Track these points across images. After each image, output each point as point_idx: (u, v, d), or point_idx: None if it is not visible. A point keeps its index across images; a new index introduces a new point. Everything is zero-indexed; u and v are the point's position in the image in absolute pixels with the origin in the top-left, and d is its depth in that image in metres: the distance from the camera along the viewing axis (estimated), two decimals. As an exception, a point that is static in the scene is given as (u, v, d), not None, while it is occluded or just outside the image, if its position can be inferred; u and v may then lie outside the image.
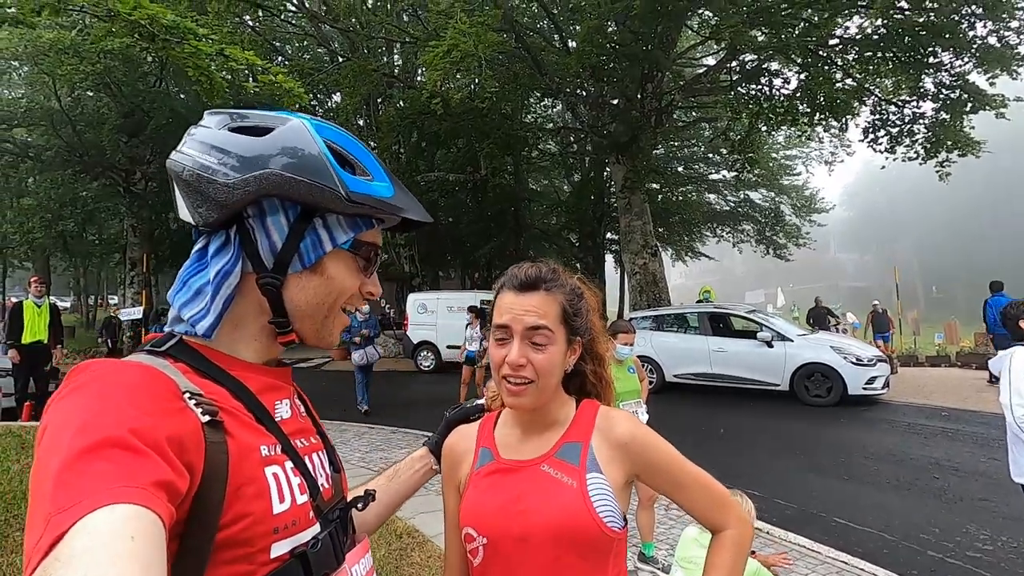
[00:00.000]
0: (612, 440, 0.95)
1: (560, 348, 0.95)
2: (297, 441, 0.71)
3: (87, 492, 0.45)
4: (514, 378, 0.92)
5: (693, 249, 25.74)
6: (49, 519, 0.44)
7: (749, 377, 9.50)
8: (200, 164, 0.66)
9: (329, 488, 0.74)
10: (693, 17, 14.23)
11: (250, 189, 0.65)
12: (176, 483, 0.51)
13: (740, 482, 5.13)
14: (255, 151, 0.67)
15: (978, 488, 5.12)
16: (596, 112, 15.23)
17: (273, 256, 0.69)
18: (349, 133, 0.75)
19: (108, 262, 23.46)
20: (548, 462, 0.95)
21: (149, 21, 6.19)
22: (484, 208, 20.89)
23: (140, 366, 0.60)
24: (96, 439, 0.48)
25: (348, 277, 0.74)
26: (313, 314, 0.72)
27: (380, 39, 15.24)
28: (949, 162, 12.17)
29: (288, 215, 0.69)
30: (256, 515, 0.60)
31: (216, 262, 0.68)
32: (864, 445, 6.58)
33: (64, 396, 0.55)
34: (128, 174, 17.36)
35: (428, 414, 8.50)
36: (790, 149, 22.74)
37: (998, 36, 10.70)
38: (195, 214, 0.68)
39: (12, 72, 19.35)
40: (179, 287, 0.70)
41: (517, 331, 0.93)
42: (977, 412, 8.23)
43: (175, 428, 0.54)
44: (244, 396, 0.67)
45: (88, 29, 12.40)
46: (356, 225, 0.73)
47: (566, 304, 0.97)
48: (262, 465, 0.63)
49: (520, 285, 0.95)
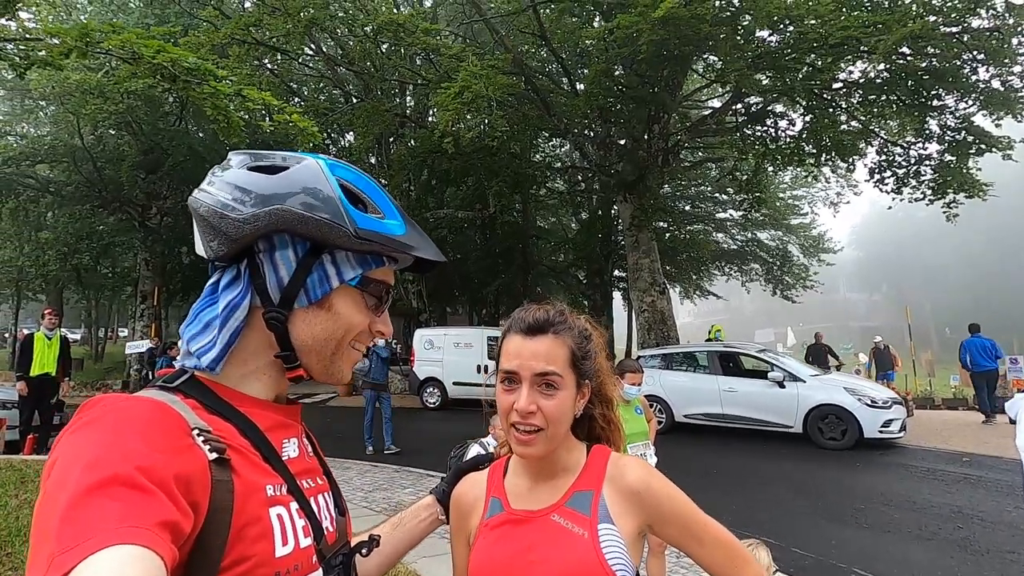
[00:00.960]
0: (624, 489, 0.92)
1: (570, 393, 0.93)
2: (303, 481, 0.71)
3: (92, 531, 0.45)
4: (523, 425, 0.90)
5: (701, 287, 25.70)
6: (52, 558, 0.44)
7: (761, 418, 9.29)
8: (216, 200, 0.68)
9: (333, 532, 0.73)
10: (699, 61, 14.60)
11: (259, 224, 0.66)
12: (181, 523, 0.51)
13: (755, 529, 4.95)
14: (268, 188, 0.68)
15: (1005, 539, 4.90)
16: (604, 152, 15.49)
17: (280, 291, 0.69)
18: (363, 173, 0.76)
19: (120, 295, 23.78)
20: (558, 512, 0.92)
21: (171, 63, 6.43)
22: (492, 245, 21.06)
23: (151, 402, 0.60)
24: (103, 476, 0.48)
25: (356, 314, 0.73)
26: (320, 350, 0.72)
27: (393, 81, 15.73)
28: (957, 203, 12.18)
29: (297, 250, 0.70)
30: (258, 557, 0.59)
31: (226, 295, 0.69)
32: (882, 491, 6.35)
33: (75, 430, 0.55)
34: (144, 209, 17.77)
35: (433, 452, 8.35)
36: (797, 189, 22.93)
37: (1001, 80, 10.87)
38: (208, 248, 0.69)
39: (39, 111, 20.11)
40: (191, 320, 0.71)
41: (526, 377, 0.90)
42: (999, 458, 7.96)
43: (183, 466, 0.54)
44: (252, 434, 0.66)
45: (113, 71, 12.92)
46: (365, 262, 0.73)
47: (575, 347, 0.94)
48: (267, 505, 0.63)
49: (528, 329, 0.93)
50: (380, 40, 13.29)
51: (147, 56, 6.17)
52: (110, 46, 6.33)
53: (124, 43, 6.19)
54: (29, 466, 6.07)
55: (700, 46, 11.14)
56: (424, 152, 15.08)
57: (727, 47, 10.63)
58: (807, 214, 23.47)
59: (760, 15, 9.97)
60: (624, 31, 10.07)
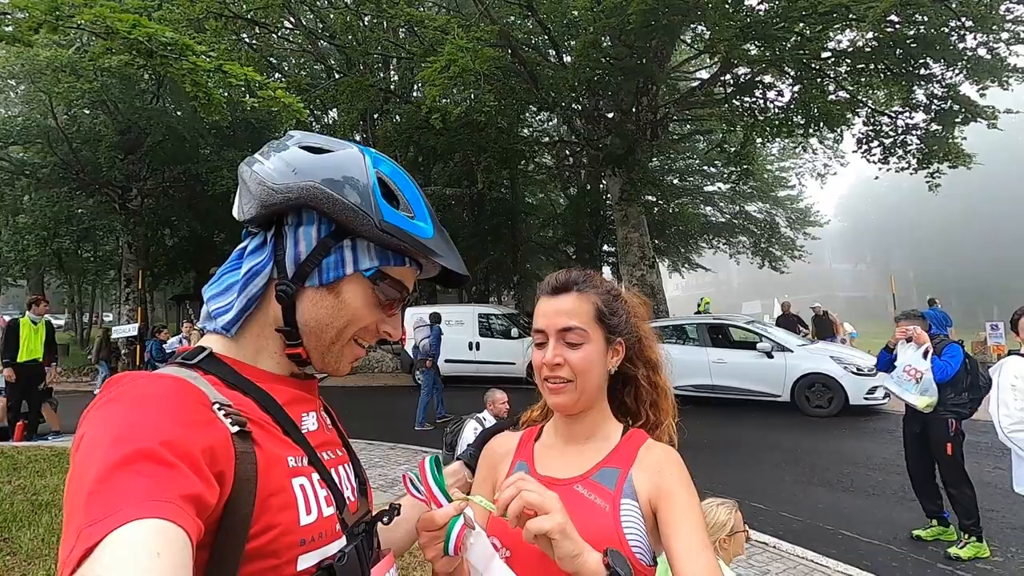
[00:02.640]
0: (653, 465, 0.93)
1: (597, 347, 0.96)
2: (323, 453, 0.72)
3: (118, 505, 0.46)
4: (553, 378, 0.94)
5: (690, 261, 25.84)
6: (80, 531, 0.45)
7: (750, 388, 9.45)
8: (260, 167, 0.71)
9: (355, 501, 0.75)
10: (687, 31, 14.40)
11: (290, 195, 0.68)
12: (205, 496, 0.52)
13: (745, 495, 5.07)
14: (306, 164, 0.71)
15: (984, 497, 5.04)
16: (592, 125, 15.34)
17: (295, 265, 0.70)
18: (406, 172, 0.78)
19: (103, 279, 23.39)
20: (583, 483, 0.93)
21: (148, 38, 6.21)
22: (481, 222, 20.93)
23: (172, 378, 0.62)
24: (129, 451, 0.50)
25: (363, 307, 0.73)
26: (319, 334, 0.72)
27: (376, 55, 15.37)
28: (940, 173, 12.28)
29: (321, 230, 0.71)
30: (284, 526, 0.61)
31: (249, 261, 0.71)
32: (868, 456, 6.53)
33: (100, 407, 0.56)
34: (124, 191, 17.36)
35: (427, 430, 8.42)
36: (784, 161, 22.97)
37: (988, 48, 10.86)
38: (240, 209, 0.72)
39: (9, 91, 19.45)
40: (214, 280, 0.73)
41: (551, 333, 0.95)
42: (980, 421, 8.16)
43: (206, 440, 0.56)
44: (272, 408, 0.68)
45: (86, 47, 12.48)
46: (385, 257, 0.73)
47: (600, 303, 0.98)
48: (289, 476, 0.64)
49: (553, 289, 0.99)
50: (362, 12, 12.93)
51: (122, 31, 5.95)
52: (82, 20, 6.09)
53: (97, 17, 5.95)
54: (20, 453, 6.04)
55: (689, 15, 10.98)
56: (410, 128, 14.84)
57: (716, 16, 10.49)
58: (794, 186, 23.60)
59: (749, -17, 9.83)
60: (612, 0, 9.88)
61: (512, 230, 21.27)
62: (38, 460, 5.72)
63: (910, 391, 4.25)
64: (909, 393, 4.26)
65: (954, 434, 4.17)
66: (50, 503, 4.34)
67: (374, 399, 12.46)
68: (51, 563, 3.33)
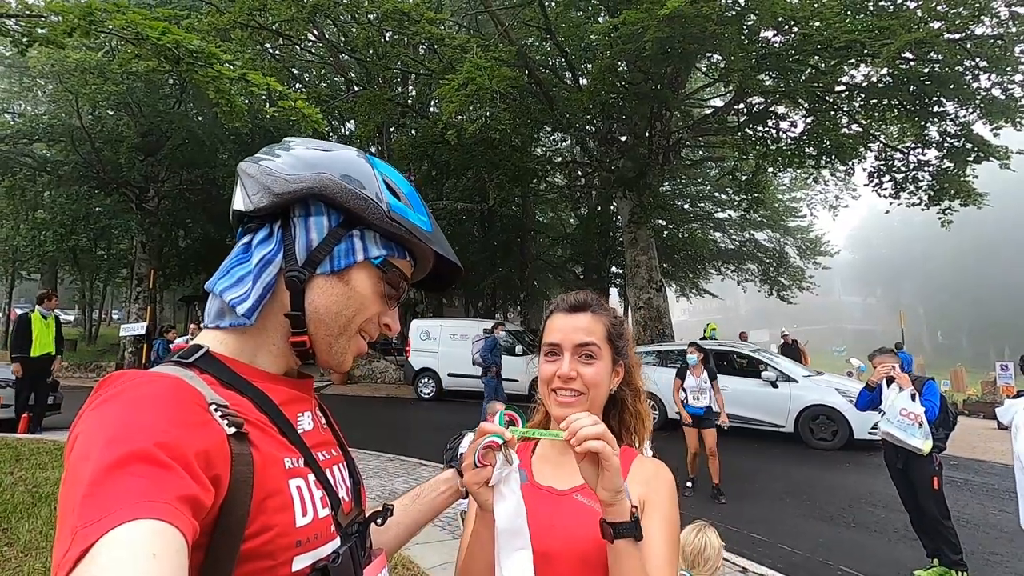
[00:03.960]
0: (642, 479, 0.98)
1: (607, 365, 1.02)
2: (319, 454, 0.72)
3: (113, 507, 0.46)
4: (564, 391, 0.99)
5: (698, 286, 25.77)
6: (75, 532, 0.45)
7: (753, 417, 9.36)
8: (268, 161, 0.73)
9: (349, 501, 0.75)
10: (702, 60, 14.57)
11: (304, 185, 0.70)
12: (201, 498, 0.51)
13: (744, 525, 5.02)
14: (316, 158, 0.74)
15: (989, 541, 4.99)
16: (605, 147, 15.48)
17: (307, 253, 0.72)
18: (403, 175, 0.82)
19: (115, 277, 23.65)
20: (582, 493, 0.97)
21: (176, 45, 6.39)
22: (491, 238, 21.05)
23: (169, 377, 0.61)
24: (124, 453, 0.49)
25: (370, 296, 0.75)
26: (329, 323, 0.73)
27: (396, 70, 15.66)
28: (952, 210, 12.26)
29: (331, 220, 0.73)
30: (279, 527, 0.61)
31: (259, 251, 0.72)
32: (871, 492, 6.43)
33: (95, 407, 0.56)
34: (142, 191, 17.67)
35: (427, 442, 8.39)
36: (796, 191, 23.00)
37: (1002, 88, 10.91)
38: (248, 199, 0.72)
39: (37, 90, 19.91)
40: (222, 274, 0.73)
41: (568, 348, 1.01)
42: (986, 462, 8.07)
43: (202, 441, 0.55)
44: (268, 408, 0.67)
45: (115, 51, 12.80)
46: (390, 248, 0.77)
47: (610, 326, 1.05)
48: (286, 477, 0.64)
49: (570, 307, 1.05)
50: (384, 28, 13.20)
51: (152, 37, 6.13)
52: (114, 25, 6.28)
53: (129, 23, 6.14)
54: (24, 444, 6.08)
55: (705, 44, 11.12)
56: (425, 142, 15.03)
57: (731, 46, 10.62)
58: (805, 216, 23.59)
59: (765, 15, 9.97)
60: (630, 27, 10.04)
61: (521, 247, 21.36)
62: (40, 453, 5.76)
63: (915, 435, 4.19)
64: (914, 438, 4.19)
65: (939, 468, 4.27)
66: (50, 496, 4.36)
67: (376, 409, 12.45)
68: (47, 555, 3.34)
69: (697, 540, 2.18)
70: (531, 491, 0.98)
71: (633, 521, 0.81)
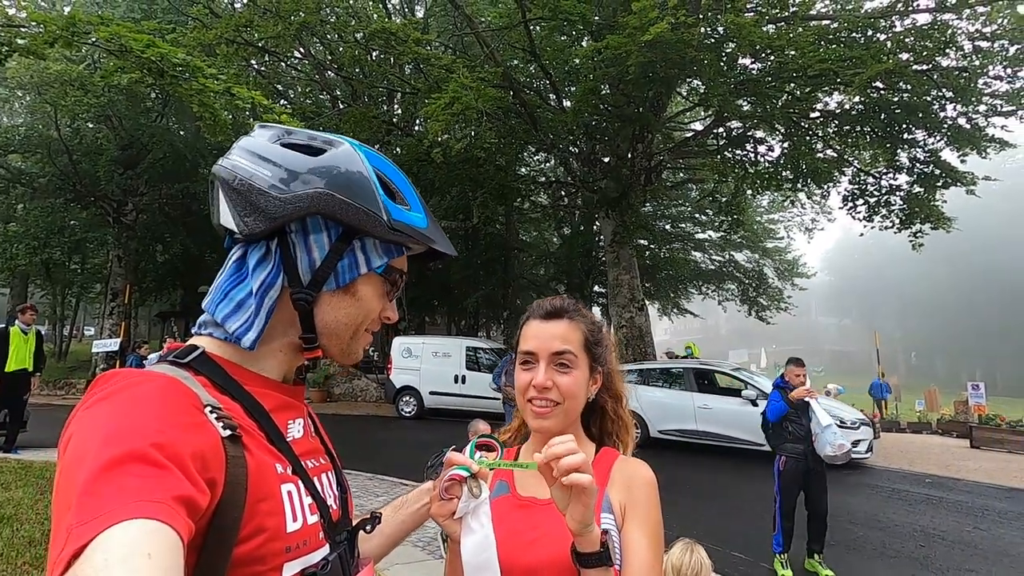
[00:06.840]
0: (624, 482, 0.96)
1: (584, 374, 0.99)
2: (308, 461, 0.72)
3: (108, 505, 0.45)
4: (540, 400, 0.96)
5: (679, 305, 26.04)
6: (71, 531, 0.44)
7: (734, 436, 9.43)
8: (253, 174, 0.68)
9: (337, 509, 0.75)
10: (683, 84, 14.94)
11: (302, 205, 0.67)
12: (196, 499, 0.51)
13: (725, 544, 5.01)
14: (309, 169, 0.69)
15: (964, 558, 5.05)
16: (588, 168, 15.70)
17: (311, 273, 0.70)
18: (392, 162, 0.78)
19: (88, 291, 23.08)
20: None
21: (160, 58, 6.37)
22: (474, 256, 21.06)
23: (164, 377, 0.60)
24: (119, 452, 0.49)
25: (375, 300, 0.76)
26: (341, 333, 0.74)
27: (381, 88, 15.76)
28: (923, 233, 12.65)
29: (330, 235, 0.71)
30: (271, 532, 0.61)
31: (258, 274, 0.69)
32: (849, 510, 6.48)
33: (90, 406, 0.55)
34: (120, 205, 17.39)
35: (407, 461, 8.26)
36: (773, 213, 23.52)
37: (967, 118, 11.37)
38: (241, 223, 0.68)
39: (15, 100, 19.60)
40: (219, 297, 0.70)
41: (543, 356, 0.98)
42: (961, 480, 8.20)
43: (198, 443, 0.54)
44: (258, 415, 0.67)
45: (97, 63, 12.69)
46: (390, 251, 0.75)
47: (588, 333, 1.01)
48: (278, 482, 0.64)
49: (546, 314, 1.02)
50: (371, 47, 13.32)
51: (136, 50, 6.11)
52: (98, 37, 6.24)
53: (112, 35, 6.12)
54: (-12, 463, 5.85)
55: (685, 70, 11.43)
56: (411, 160, 15.08)
57: (711, 72, 10.94)
58: (783, 238, 24.10)
59: (743, 43, 10.30)
60: (613, 52, 10.29)
61: (504, 266, 21.40)
62: (4, 472, 5.55)
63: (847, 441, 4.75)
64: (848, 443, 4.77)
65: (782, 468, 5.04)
66: (12, 517, 4.20)
67: (356, 427, 12.25)
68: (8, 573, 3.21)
69: (694, 561, 2.19)
70: (514, 504, 0.98)
71: (603, 550, 0.79)
